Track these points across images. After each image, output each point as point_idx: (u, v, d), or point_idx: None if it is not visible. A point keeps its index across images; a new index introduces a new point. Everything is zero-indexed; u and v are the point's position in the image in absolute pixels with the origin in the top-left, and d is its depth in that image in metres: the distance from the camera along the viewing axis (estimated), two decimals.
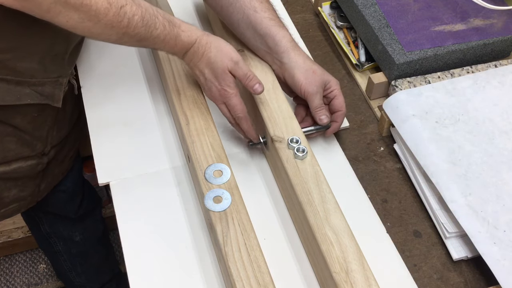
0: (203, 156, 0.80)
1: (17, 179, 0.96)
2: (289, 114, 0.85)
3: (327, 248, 0.69)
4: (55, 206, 1.16)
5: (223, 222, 0.72)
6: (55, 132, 0.98)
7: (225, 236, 0.71)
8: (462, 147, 0.86)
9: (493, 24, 1.01)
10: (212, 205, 0.74)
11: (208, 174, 0.77)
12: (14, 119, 0.89)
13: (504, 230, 0.77)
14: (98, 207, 1.34)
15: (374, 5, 1.04)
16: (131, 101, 0.97)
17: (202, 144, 0.81)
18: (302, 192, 0.75)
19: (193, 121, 0.84)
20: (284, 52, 0.88)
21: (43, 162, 0.98)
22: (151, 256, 0.78)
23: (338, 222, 0.72)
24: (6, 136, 0.89)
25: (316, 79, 0.86)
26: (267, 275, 0.67)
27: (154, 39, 0.79)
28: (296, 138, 0.80)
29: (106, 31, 0.74)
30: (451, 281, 0.78)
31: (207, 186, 0.76)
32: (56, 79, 0.89)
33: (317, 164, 0.78)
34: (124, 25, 0.74)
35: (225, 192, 0.75)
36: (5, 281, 1.74)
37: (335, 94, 0.88)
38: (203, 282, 0.76)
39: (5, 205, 0.99)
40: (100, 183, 0.86)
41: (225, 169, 0.78)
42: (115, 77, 1.01)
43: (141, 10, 0.76)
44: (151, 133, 0.93)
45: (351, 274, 0.66)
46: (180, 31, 0.81)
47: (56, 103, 0.91)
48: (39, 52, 0.84)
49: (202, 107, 0.86)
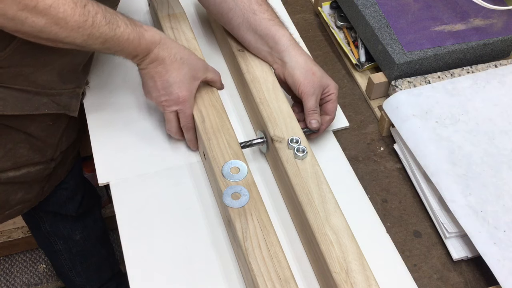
0: (219, 153, 0.80)
1: (24, 183, 0.97)
2: (289, 114, 0.85)
3: (327, 248, 0.69)
4: (56, 204, 1.16)
5: (242, 218, 0.73)
6: (65, 138, 0.99)
7: (245, 232, 0.71)
8: (462, 147, 0.86)
9: (493, 24, 1.01)
10: (231, 201, 0.74)
11: (225, 171, 0.78)
12: (29, 127, 0.90)
13: (504, 230, 0.77)
14: (97, 206, 1.34)
15: (374, 5, 1.04)
16: (131, 101, 0.97)
17: (219, 141, 0.82)
18: (302, 192, 0.75)
19: (209, 119, 0.84)
20: (285, 51, 0.88)
21: (50, 167, 0.99)
22: (151, 256, 0.78)
23: (338, 222, 0.72)
24: (19, 143, 0.91)
25: (315, 80, 0.86)
26: (287, 270, 0.68)
27: (118, 38, 0.76)
28: (296, 138, 0.80)
29: (72, 33, 0.71)
30: (451, 281, 0.78)
31: (225, 183, 0.76)
32: (73, 90, 0.90)
33: (317, 164, 0.78)
34: (89, 25, 0.72)
35: (243, 189, 0.76)
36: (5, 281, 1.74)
37: (330, 98, 0.88)
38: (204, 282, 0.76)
39: (10, 207, 0.99)
40: (100, 183, 0.86)
41: (242, 166, 0.78)
42: (115, 76, 1.01)
43: (101, 9, 0.74)
44: (151, 132, 0.93)
45: (351, 274, 0.67)
46: (143, 30, 0.79)
47: (72, 113, 0.92)
48: (59, 65, 0.85)
49: (217, 106, 0.87)
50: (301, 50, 0.89)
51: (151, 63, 0.81)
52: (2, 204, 0.98)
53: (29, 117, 0.87)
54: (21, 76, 0.81)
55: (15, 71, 0.80)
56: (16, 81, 0.82)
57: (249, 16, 0.89)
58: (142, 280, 0.76)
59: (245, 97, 0.95)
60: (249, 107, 0.93)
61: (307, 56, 0.89)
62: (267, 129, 0.83)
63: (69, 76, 0.88)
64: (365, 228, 0.81)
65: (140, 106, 0.96)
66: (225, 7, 0.91)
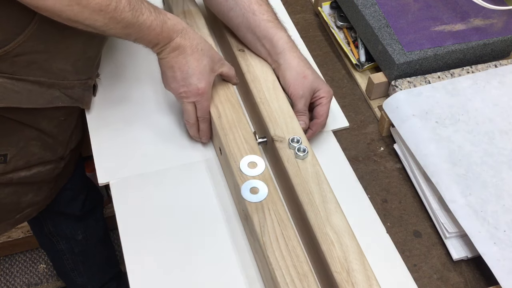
0: (236, 149, 0.80)
1: (33, 184, 0.98)
2: (289, 114, 0.85)
3: (328, 248, 0.69)
4: (61, 205, 1.16)
5: (260, 213, 0.73)
6: (74, 136, 1.00)
7: (262, 226, 0.71)
8: (462, 147, 0.86)
9: (493, 24, 1.01)
10: (249, 195, 0.75)
11: (242, 165, 0.78)
12: (41, 123, 0.90)
13: (504, 230, 0.77)
14: (100, 206, 1.35)
15: (374, 5, 1.04)
16: (131, 101, 0.97)
17: (235, 136, 0.82)
18: (303, 192, 0.75)
19: (225, 115, 0.85)
20: (281, 53, 0.88)
21: (60, 166, 1.00)
22: (151, 256, 0.78)
23: (339, 221, 0.72)
24: (32, 140, 0.91)
25: (305, 83, 0.86)
26: (305, 264, 0.68)
27: (140, 25, 0.75)
28: (297, 138, 0.80)
29: (93, 15, 0.70)
30: (451, 281, 0.78)
31: (242, 178, 0.77)
32: (85, 81, 0.90)
33: (318, 164, 0.78)
34: (111, 9, 0.71)
35: (261, 183, 0.76)
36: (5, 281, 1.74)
37: (321, 102, 0.87)
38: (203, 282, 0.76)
39: (20, 211, 1.00)
40: (100, 183, 0.86)
41: (259, 161, 0.79)
42: (115, 76, 1.01)
43: None
44: (151, 132, 0.93)
45: (352, 273, 0.67)
46: (166, 18, 0.78)
47: (85, 106, 0.92)
48: (73, 54, 0.84)
49: (233, 101, 0.87)
50: (297, 53, 0.89)
51: (172, 52, 0.80)
52: (13, 207, 0.98)
53: (42, 112, 0.87)
54: (35, 64, 0.81)
55: (29, 58, 0.80)
56: (30, 70, 0.81)
57: (248, 17, 0.89)
58: (142, 280, 0.76)
59: (244, 96, 0.95)
60: (249, 107, 0.93)
61: (301, 59, 0.89)
62: (267, 129, 0.83)
63: (82, 66, 0.88)
64: (365, 228, 0.81)
65: (140, 105, 0.96)
66: (225, 6, 0.91)
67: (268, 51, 0.90)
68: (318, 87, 0.87)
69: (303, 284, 0.66)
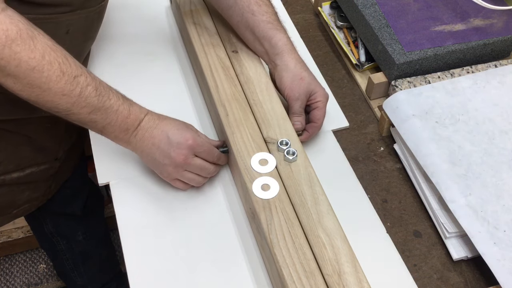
0: (243, 147, 0.80)
1: (30, 183, 0.98)
2: (282, 116, 0.85)
3: (319, 250, 0.69)
4: (61, 204, 1.16)
5: (267, 210, 0.73)
6: (68, 136, 1.00)
7: (269, 224, 0.71)
8: (462, 147, 0.86)
9: (493, 24, 1.01)
10: (261, 192, 0.75)
11: (253, 162, 0.78)
12: (28, 130, 0.90)
13: (504, 230, 0.77)
14: (100, 206, 1.35)
15: (374, 5, 1.04)
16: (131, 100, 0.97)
17: (242, 134, 0.82)
18: (295, 194, 0.75)
19: (232, 113, 0.85)
20: (279, 54, 0.88)
21: (55, 166, 1.00)
22: (151, 256, 0.78)
23: (331, 224, 0.71)
24: (21, 145, 0.91)
25: (301, 86, 0.86)
26: (312, 262, 0.68)
27: (107, 110, 0.74)
28: (286, 141, 0.80)
29: (55, 99, 0.70)
30: (451, 281, 0.78)
31: (252, 175, 0.77)
32: None
33: (310, 166, 0.78)
34: (76, 94, 0.71)
35: (272, 180, 0.76)
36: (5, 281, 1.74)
37: (317, 106, 0.87)
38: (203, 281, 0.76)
39: (17, 206, 1.00)
40: (100, 183, 0.86)
41: (270, 158, 0.79)
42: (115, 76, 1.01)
43: (95, 82, 0.73)
44: None
45: (343, 276, 0.66)
46: (133, 102, 0.78)
47: None
48: None
49: (240, 99, 0.87)
50: (295, 55, 0.89)
51: (145, 132, 0.79)
52: (9, 204, 0.99)
53: (26, 121, 0.87)
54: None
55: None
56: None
57: (248, 17, 0.89)
58: (142, 280, 0.76)
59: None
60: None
61: (299, 61, 0.89)
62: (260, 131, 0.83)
63: None
64: (365, 228, 0.81)
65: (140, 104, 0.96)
66: (224, 4, 0.91)
67: (266, 50, 0.90)
68: (314, 90, 0.87)
69: (310, 282, 0.66)
